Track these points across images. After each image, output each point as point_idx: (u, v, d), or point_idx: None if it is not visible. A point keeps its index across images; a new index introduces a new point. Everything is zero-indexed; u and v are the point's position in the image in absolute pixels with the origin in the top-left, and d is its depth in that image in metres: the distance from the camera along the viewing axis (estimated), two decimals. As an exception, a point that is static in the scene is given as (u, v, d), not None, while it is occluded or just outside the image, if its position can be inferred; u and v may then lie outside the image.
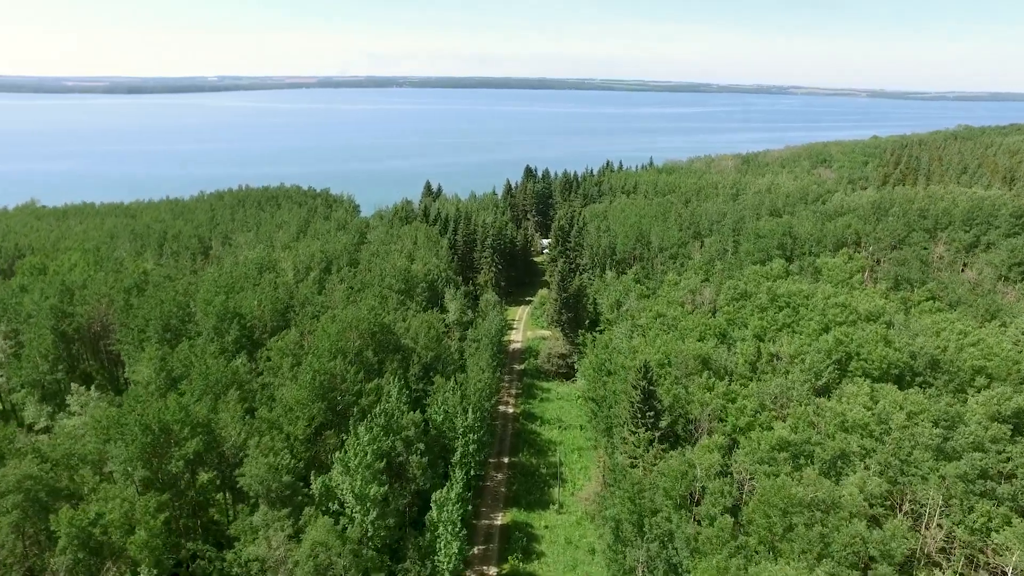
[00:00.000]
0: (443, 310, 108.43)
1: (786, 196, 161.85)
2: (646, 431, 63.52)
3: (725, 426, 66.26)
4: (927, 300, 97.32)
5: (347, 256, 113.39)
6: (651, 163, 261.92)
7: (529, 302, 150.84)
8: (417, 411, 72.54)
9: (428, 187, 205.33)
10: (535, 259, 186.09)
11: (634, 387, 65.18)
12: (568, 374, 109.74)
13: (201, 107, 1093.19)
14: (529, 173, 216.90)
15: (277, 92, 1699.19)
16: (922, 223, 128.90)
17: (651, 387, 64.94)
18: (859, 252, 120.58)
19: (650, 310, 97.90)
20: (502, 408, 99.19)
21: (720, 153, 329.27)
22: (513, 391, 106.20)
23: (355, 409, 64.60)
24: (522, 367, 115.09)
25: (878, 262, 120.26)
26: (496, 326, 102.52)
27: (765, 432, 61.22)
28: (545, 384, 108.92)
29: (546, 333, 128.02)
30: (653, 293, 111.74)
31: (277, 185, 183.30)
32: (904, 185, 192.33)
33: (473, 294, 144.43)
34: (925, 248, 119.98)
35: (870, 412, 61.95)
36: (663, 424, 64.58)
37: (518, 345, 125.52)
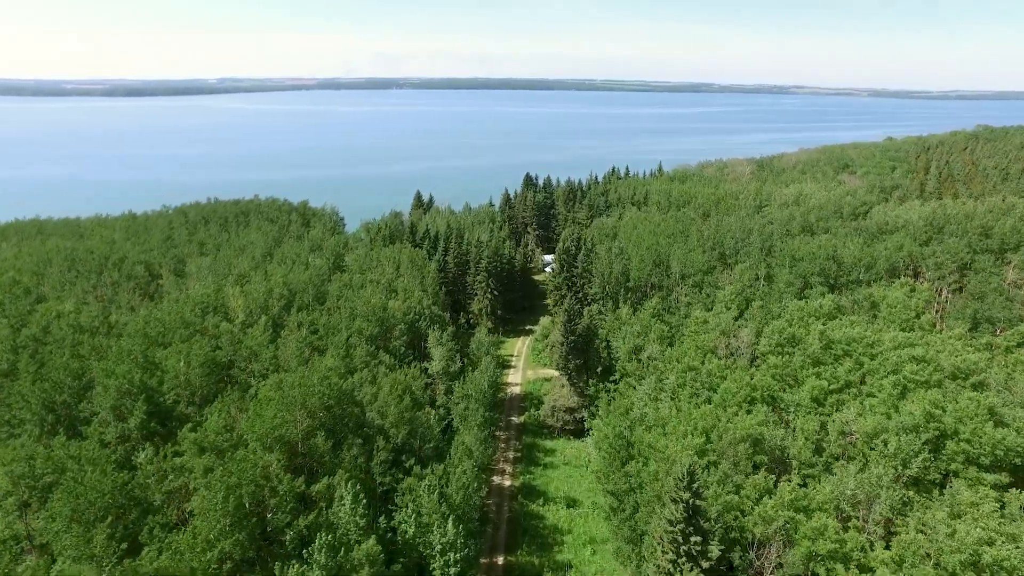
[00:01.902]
0: (426, 357, 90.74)
1: (818, 209, 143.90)
2: (691, 568, 45.71)
3: (798, 549, 48.45)
4: (1018, 345, 79.45)
5: (313, 289, 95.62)
6: (660, 169, 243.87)
7: (530, 331, 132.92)
8: (382, 518, 55.09)
9: (419, 197, 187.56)
10: (536, 277, 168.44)
11: (674, 500, 47.37)
12: (577, 431, 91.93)
13: (197, 109, 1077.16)
14: (529, 182, 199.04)
15: (278, 94, 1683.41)
16: (985, 243, 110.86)
17: (698, 501, 47.16)
18: (918, 280, 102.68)
19: (678, 361, 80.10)
20: (496, 480, 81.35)
21: (732, 156, 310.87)
22: (511, 453, 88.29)
23: (290, 534, 46.83)
24: (521, 420, 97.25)
25: (939, 293, 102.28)
26: (490, 377, 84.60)
27: None
28: (549, 443, 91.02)
29: (550, 373, 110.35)
30: (677, 331, 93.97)
31: (251, 197, 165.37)
32: (942, 194, 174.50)
33: (466, 323, 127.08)
34: (995, 273, 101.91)
35: (1014, 544, 44.04)
36: (713, 553, 46.76)
37: (516, 389, 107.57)
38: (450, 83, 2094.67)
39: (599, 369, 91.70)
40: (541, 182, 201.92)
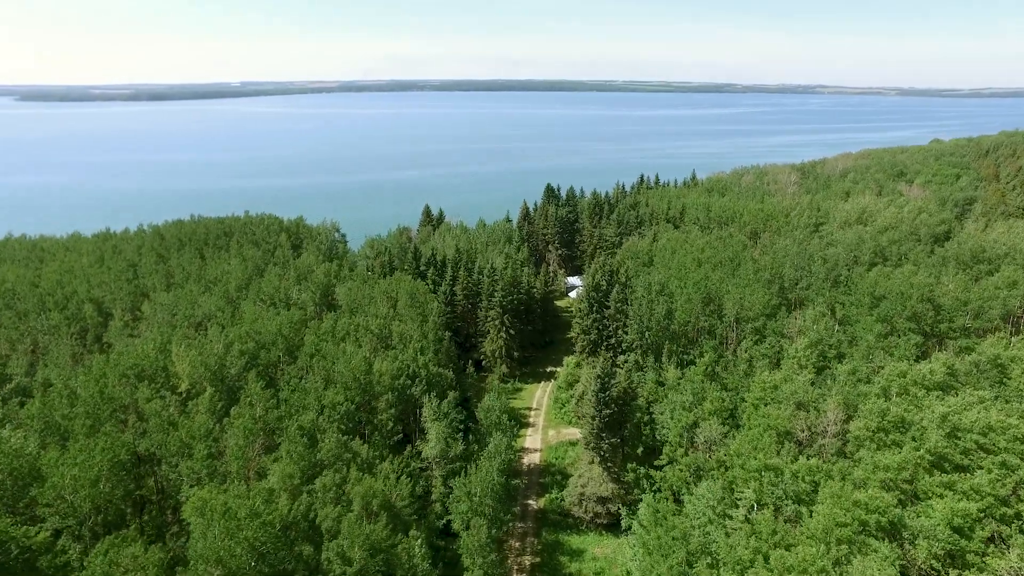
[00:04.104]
0: (421, 431, 72.12)
1: (890, 230, 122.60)
2: None
3: None
4: None
5: (284, 342, 77.54)
6: (693, 177, 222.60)
7: (552, 374, 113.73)
8: None
9: (427, 212, 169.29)
10: (559, 303, 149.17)
11: None
12: (611, 523, 72.61)
13: (218, 113, 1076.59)
14: (551, 194, 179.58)
15: (299, 97, 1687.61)
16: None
17: None
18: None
19: (749, 450, 60.40)
20: (508, 604, 62.47)
21: (766, 160, 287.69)
22: (527, 558, 69.07)
23: None
24: (540, 504, 78.11)
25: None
26: (501, 464, 65.55)
27: None
28: (576, 540, 71.70)
29: (576, 433, 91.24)
30: (737, 398, 74.25)
31: (241, 213, 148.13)
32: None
33: (476, 366, 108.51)
34: None
35: None
36: None
37: (536, 457, 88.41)
38: (471, 85, 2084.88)
39: (640, 450, 72.26)
40: (564, 193, 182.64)
